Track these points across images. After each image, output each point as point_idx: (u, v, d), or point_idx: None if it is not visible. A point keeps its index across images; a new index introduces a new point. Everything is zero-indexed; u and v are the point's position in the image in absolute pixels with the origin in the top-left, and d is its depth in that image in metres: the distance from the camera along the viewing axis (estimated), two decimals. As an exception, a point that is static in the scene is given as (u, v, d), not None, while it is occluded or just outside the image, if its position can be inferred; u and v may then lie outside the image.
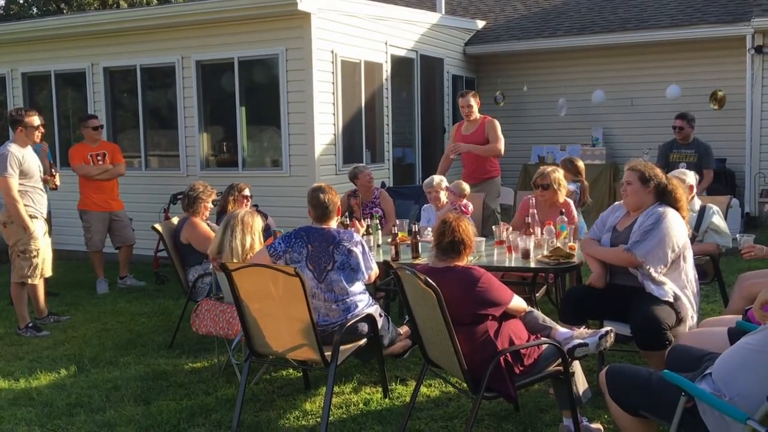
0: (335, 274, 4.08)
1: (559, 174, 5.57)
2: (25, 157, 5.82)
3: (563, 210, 5.50)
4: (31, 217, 5.81)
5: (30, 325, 5.97)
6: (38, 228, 5.88)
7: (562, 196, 5.59)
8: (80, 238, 7.62)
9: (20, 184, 5.76)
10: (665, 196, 4.07)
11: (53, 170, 6.49)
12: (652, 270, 3.89)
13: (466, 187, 6.07)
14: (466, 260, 3.67)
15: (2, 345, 5.69)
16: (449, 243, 3.57)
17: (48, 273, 6.14)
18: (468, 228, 3.64)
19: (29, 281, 5.93)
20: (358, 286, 4.19)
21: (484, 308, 3.43)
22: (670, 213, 3.97)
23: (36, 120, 5.92)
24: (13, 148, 5.77)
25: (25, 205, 5.78)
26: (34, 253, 5.86)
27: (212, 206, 5.90)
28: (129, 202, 7.99)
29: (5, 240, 5.97)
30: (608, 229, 4.29)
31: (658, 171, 4.13)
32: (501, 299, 3.47)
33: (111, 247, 7.71)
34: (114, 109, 9.05)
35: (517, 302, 3.61)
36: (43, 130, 6.02)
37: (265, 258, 4.16)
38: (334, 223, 4.29)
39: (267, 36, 7.96)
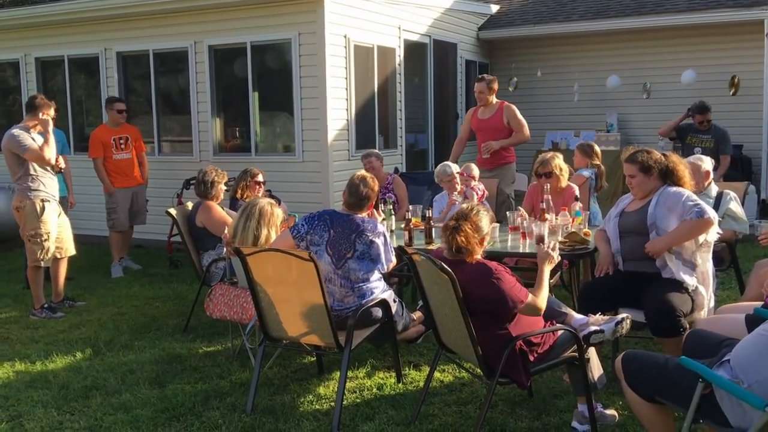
0: (354, 263, 4.07)
1: (559, 159, 5.59)
2: (33, 138, 5.83)
3: (577, 195, 5.48)
4: (43, 200, 5.84)
5: (45, 305, 6.02)
6: (50, 211, 5.91)
7: (564, 181, 5.60)
8: (94, 222, 7.64)
9: (32, 167, 5.78)
10: (669, 177, 4.07)
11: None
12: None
13: (476, 168, 6.08)
14: (479, 254, 3.52)
15: (18, 328, 5.74)
16: (453, 247, 3.43)
17: (71, 251, 6.21)
18: (468, 232, 3.39)
19: (42, 264, 5.98)
20: (375, 274, 4.18)
21: (497, 302, 3.32)
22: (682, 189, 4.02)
23: (45, 105, 5.90)
24: (16, 131, 5.77)
25: (37, 189, 5.81)
26: (45, 237, 5.90)
27: (224, 189, 5.89)
28: (142, 187, 8.00)
29: (18, 223, 6.02)
30: (615, 216, 4.26)
31: (656, 153, 4.10)
32: (514, 296, 3.33)
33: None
34: (127, 94, 9.06)
35: (535, 300, 3.42)
36: (53, 115, 6.00)
37: (289, 240, 4.15)
38: (361, 214, 4.27)
39: (280, 21, 7.93)
